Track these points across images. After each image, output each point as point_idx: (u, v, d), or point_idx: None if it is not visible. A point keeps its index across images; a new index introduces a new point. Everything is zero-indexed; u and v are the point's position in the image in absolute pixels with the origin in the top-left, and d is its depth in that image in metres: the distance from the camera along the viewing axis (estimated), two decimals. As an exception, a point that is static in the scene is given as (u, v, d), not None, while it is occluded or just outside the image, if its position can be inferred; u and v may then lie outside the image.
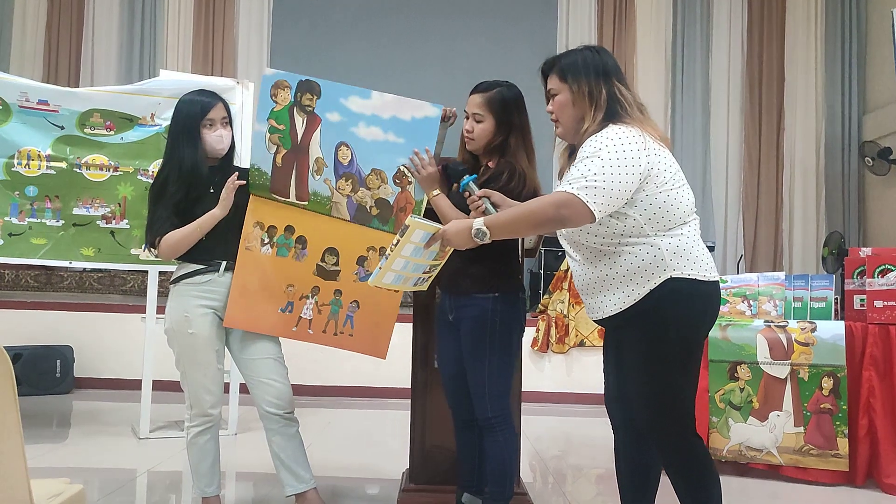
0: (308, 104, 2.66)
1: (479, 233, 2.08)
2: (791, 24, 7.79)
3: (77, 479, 1.79)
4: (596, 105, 2.11)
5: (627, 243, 2.07)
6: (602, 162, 1.98)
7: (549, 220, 2.03)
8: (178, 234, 2.60)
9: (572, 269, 2.25)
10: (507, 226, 2.10)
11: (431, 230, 2.11)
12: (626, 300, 2.08)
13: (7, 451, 1.41)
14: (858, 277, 3.70)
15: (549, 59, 2.25)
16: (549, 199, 2.02)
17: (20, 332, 5.55)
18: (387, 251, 2.11)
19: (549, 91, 2.22)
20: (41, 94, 4.03)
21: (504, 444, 2.52)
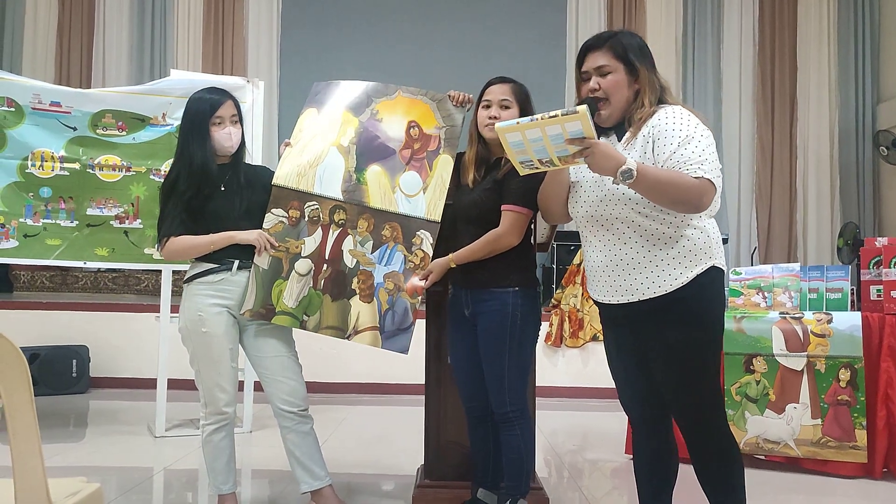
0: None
1: (628, 172, 1.92)
2: (803, 13, 7.73)
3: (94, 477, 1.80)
4: (652, 88, 2.10)
5: (681, 224, 2.04)
6: (704, 141, 2.00)
7: (688, 203, 1.97)
8: (188, 242, 2.61)
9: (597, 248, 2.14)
10: (654, 183, 1.96)
11: (587, 132, 1.92)
12: (672, 283, 2.03)
13: (24, 451, 1.42)
14: (875, 267, 3.67)
15: (597, 36, 2.17)
16: (695, 183, 1.95)
17: (36, 333, 5.59)
18: (537, 116, 1.94)
19: (602, 68, 2.10)
20: (53, 95, 4.05)
21: (521, 438, 2.53)
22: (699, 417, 2.10)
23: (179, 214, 2.61)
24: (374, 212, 2.68)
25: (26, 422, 1.41)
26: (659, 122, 2.04)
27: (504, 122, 1.99)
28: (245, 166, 2.78)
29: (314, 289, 2.66)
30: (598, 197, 2.12)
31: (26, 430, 1.42)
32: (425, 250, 2.64)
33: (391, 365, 5.59)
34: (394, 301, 2.63)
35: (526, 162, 2.04)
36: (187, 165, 2.61)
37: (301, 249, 2.68)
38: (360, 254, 2.67)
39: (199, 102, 2.65)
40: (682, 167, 1.97)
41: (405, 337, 2.63)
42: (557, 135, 1.93)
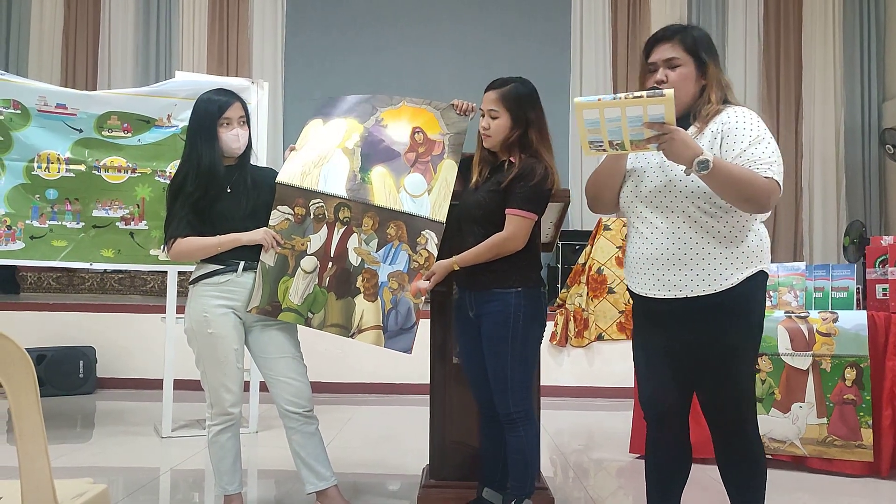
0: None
1: (705, 163, 1.90)
2: (808, 12, 7.71)
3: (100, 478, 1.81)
4: (719, 85, 2.10)
5: (737, 225, 2.06)
6: (773, 145, 2.03)
7: (756, 202, 1.97)
8: (196, 244, 2.62)
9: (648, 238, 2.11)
10: (727, 177, 1.94)
11: (668, 118, 1.90)
12: (723, 283, 2.03)
13: (31, 452, 1.43)
14: (881, 266, 3.66)
15: (668, 28, 2.16)
16: (765, 184, 1.96)
17: (43, 334, 5.62)
18: (621, 95, 1.90)
19: (671, 60, 2.08)
20: (59, 97, 4.07)
21: (525, 439, 2.53)
22: (732, 419, 2.10)
23: (186, 216, 2.61)
24: (379, 210, 2.69)
25: (33, 423, 1.42)
26: (729, 120, 2.05)
27: (584, 98, 1.94)
28: (251, 168, 2.79)
29: (319, 286, 2.67)
30: (659, 186, 2.10)
31: (33, 431, 1.42)
32: (430, 250, 2.64)
33: (396, 365, 5.60)
34: (397, 301, 2.64)
35: (595, 142, 1.98)
36: (195, 166, 2.61)
37: (307, 247, 2.69)
38: (365, 252, 2.68)
39: (208, 103, 2.66)
40: (752, 166, 1.98)
41: (408, 337, 2.63)
42: (637, 117, 1.90)
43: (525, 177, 2.47)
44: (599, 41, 7.83)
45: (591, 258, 5.76)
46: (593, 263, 5.72)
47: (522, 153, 2.52)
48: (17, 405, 1.41)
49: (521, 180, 2.47)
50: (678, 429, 2.21)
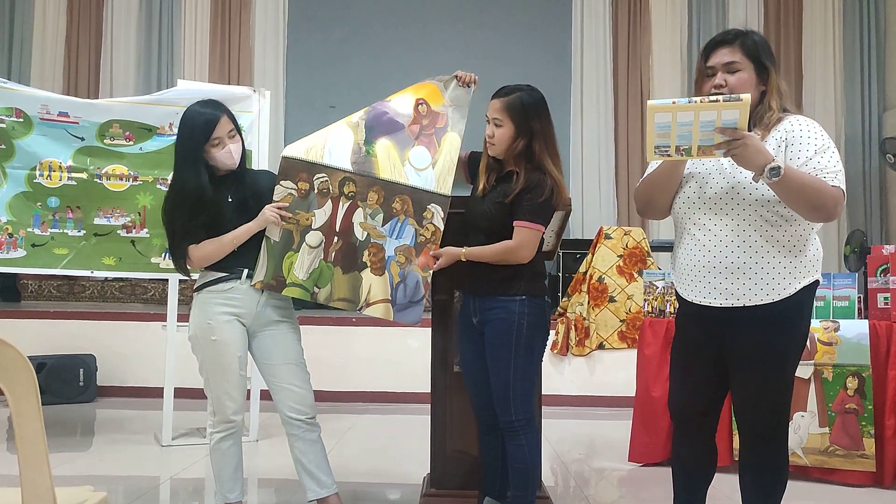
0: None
1: (776, 170, 1.89)
2: (808, 21, 7.73)
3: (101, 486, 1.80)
4: (779, 92, 2.09)
5: (801, 235, 2.06)
6: (835, 155, 2.02)
7: (824, 210, 1.97)
8: (213, 245, 2.61)
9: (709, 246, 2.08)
10: (798, 185, 1.93)
11: (742, 124, 1.88)
12: (781, 292, 2.03)
13: (32, 460, 1.43)
14: (882, 275, 3.66)
15: (731, 30, 2.15)
16: (834, 192, 1.96)
17: (44, 342, 5.61)
18: (696, 99, 1.90)
19: (730, 65, 2.07)
20: (61, 105, 4.08)
21: (527, 448, 2.52)
22: (767, 425, 2.11)
23: (190, 227, 2.60)
24: (384, 184, 2.67)
25: (34, 430, 1.42)
26: (793, 128, 2.04)
27: (658, 101, 1.93)
28: (248, 172, 2.78)
29: (325, 261, 2.67)
30: (721, 193, 2.08)
31: (34, 438, 1.42)
32: (436, 224, 2.64)
33: (397, 373, 5.61)
34: (405, 274, 2.64)
35: (662, 147, 1.96)
36: (181, 192, 2.59)
37: (311, 222, 2.67)
38: (370, 227, 2.67)
39: (193, 120, 2.61)
40: (818, 174, 1.97)
41: (417, 309, 2.64)
42: (710, 122, 1.88)
43: (532, 190, 2.46)
44: (600, 48, 7.85)
45: (592, 267, 5.76)
46: (594, 272, 5.72)
47: (527, 164, 2.52)
48: (19, 412, 1.41)
49: (528, 193, 2.46)
50: (708, 433, 2.24)
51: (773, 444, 2.12)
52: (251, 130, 4.18)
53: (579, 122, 7.86)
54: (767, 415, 2.10)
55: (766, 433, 2.12)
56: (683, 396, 2.23)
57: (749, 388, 2.10)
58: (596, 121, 7.86)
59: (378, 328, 5.86)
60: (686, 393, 2.22)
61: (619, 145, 7.86)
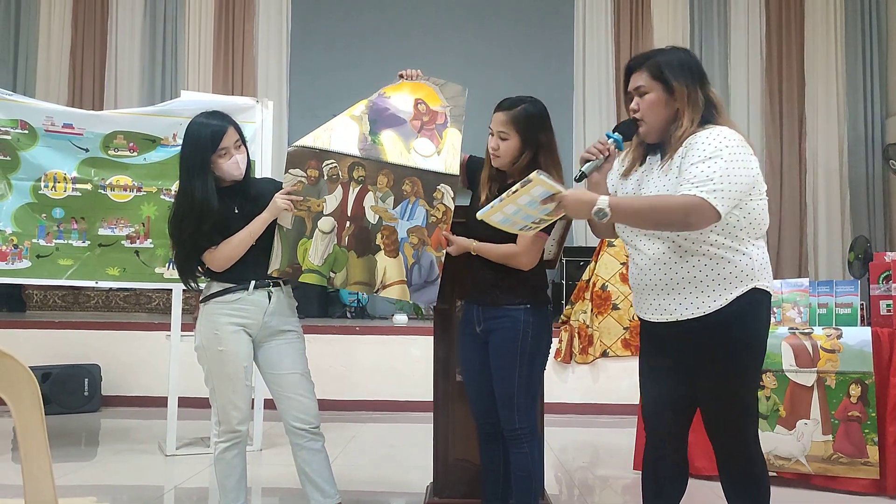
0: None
1: (601, 213, 1.99)
2: (810, 27, 7.73)
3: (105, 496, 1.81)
4: (694, 106, 2.09)
5: (722, 246, 2.05)
6: (724, 163, 1.98)
7: (674, 224, 2.01)
8: (232, 243, 2.61)
9: (641, 266, 2.16)
10: (630, 213, 2.04)
11: (552, 190, 2.04)
12: (711, 305, 2.06)
13: (35, 470, 1.44)
14: (884, 282, 3.65)
15: (639, 55, 2.20)
16: (678, 202, 1.98)
17: (49, 352, 5.63)
18: (502, 196, 2.09)
19: (638, 88, 2.14)
20: (66, 117, 4.11)
21: (530, 456, 2.52)
22: (734, 438, 2.12)
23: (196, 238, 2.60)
24: (393, 167, 2.70)
25: (37, 441, 1.43)
26: (692, 142, 2.04)
27: (483, 210, 2.15)
28: (252, 182, 2.80)
29: (339, 246, 2.69)
30: None
31: (37, 449, 1.43)
32: (447, 204, 2.66)
33: (400, 382, 5.61)
34: (419, 255, 2.66)
35: (523, 228, 2.19)
36: (189, 202, 2.60)
37: (323, 208, 2.70)
38: (382, 210, 2.69)
39: (200, 131, 2.62)
40: (682, 185, 1.99)
41: (432, 289, 2.66)
42: (531, 201, 2.07)
43: None
44: (602, 55, 7.87)
45: (595, 274, 5.76)
46: (597, 280, 5.73)
47: None
48: (22, 423, 1.42)
49: None
50: (676, 448, 2.24)
51: (742, 456, 2.12)
52: (254, 141, 4.21)
53: (581, 129, 7.87)
54: (731, 428, 2.11)
55: (732, 446, 2.12)
56: (650, 408, 2.27)
57: (708, 403, 2.13)
58: (598, 127, 7.86)
59: (381, 337, 5.88)
60: (653, 409, 2.26)
61: (621, 153, 7.86)
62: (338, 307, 7.46)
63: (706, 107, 2.10)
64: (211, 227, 2.60)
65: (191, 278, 2.69)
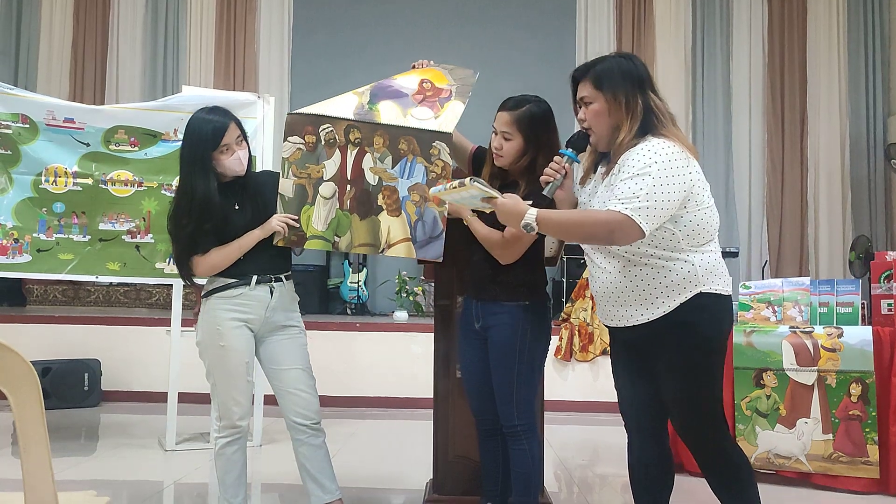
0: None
1: (528, 226, 2.05)
2: (812, 26, 7.72)
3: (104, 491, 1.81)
4: (632, 115, 2.09)
5: (662, 256, 2.09)
6: (652, 180, 1.98)
7: (598, 239, 2.08)
8: (220, 255, 2.62)
9: (596, 276, 2.23)
10: (556, 228, 2.12)
11: (488, 194, 2.11)
12: (655, 312, 2.11)
13: (35, 464, 1.43)
14: (885, 282, 3.65)
15: (582, 65, 2.21)
16: (602, 218, 2.01)
17: (49, 346, 5.63)
18: (445, 185, 2.17)
19: (583, 99, 2.17)
20: (67, 112, 4.10)
21: (529, 453, 2.52)
22: (700, 437, 2.17)
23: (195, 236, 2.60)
24: (388, 127, 2.70)
25: (37, 435, 1.43)
26: (627, 155, 2.05)
27: (434, 189, 2.27)
28: (252, 177, 2.79)
29: (341, 210, 2.69)
30: None
31: (37, 443, 1.43)
32: (444, 160, 2.66)
33: (400, 379, 5.61)
34: (422, 212, 2.66)
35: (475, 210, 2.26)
36: (189, 199, 2.59)
37: (322, 174, 2.69)
38: (381, 170, 2.69)
39: (201, 127, 2.61)
40: (609, 201, 2.03)
41: (437, 244, 2.65)
42: (471, 198, 2.14)
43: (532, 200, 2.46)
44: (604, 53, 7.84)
45: (595, 272, 5.75)
46: (598, 277, 5.72)
47: (530, 176, 2.50)
48: (22, 418, 1.42)
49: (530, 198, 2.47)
50: (654, 446, 2.29)
51: (716, 450, 2.15)
52: (255, 136, 4.20)
53: (582, 128, 7.86)
54: (696, 430, 2.16)
55: (701, 444, 2.17)
56: (625, 408, 2.34)
57: (670, 406, 2.18)
58: (599, 126, 7.86)
59: (381, 334, 5.88)
60: (626, 405, 2.33)
61: (622, 150, 7.85)
62: (338, 304, 7.46)
63: (646, 115, 2.09)
64: (211, 224, 2.60)
65: (189, 276, 2.68)
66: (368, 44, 7.93)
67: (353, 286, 7.25)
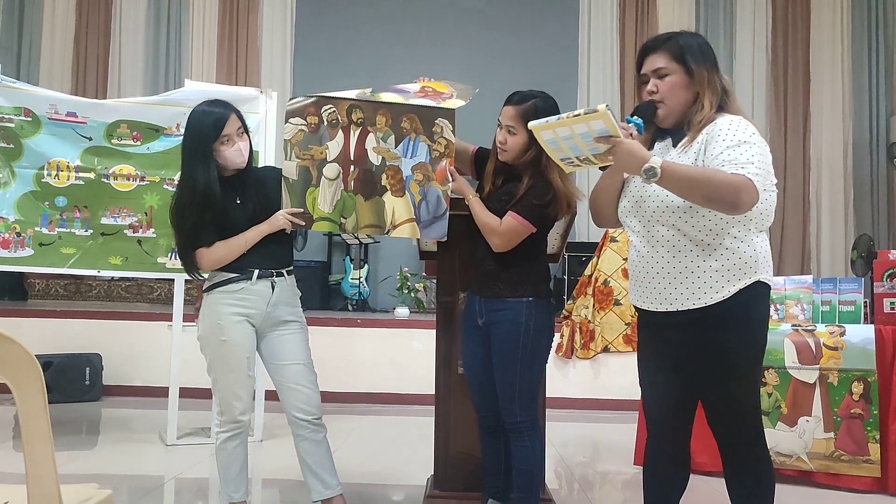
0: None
1: (652, 171, 1.90)
2: (816, 24, 7.71)
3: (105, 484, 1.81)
4: (713, 91, 2.06)
5: (738, 237, 2.01)
6: (758, 149, 1.95)
7: (723, 200, 1.91)
8: (225, 248, 2.62)
9: (644, 253, 2.10)
10: (681, 180, 1.93)
11: (612, 131, 1.92)
12: (713, 296, 2.00)
13: (37, 457, 1.43)
14: (888, 280, 3.65)
15: (657, 37, 2.15)
16: (731, 180, 1.89)
17: (50, 341, 5.63)
18: (563, 115, 1.96)
19: (659, 70, 2.08)
20: (69, 105, 4.10)
21: (531, 449, 2.52)
22: (736, 435, 2.07)
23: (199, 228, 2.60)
24: (390, 106, 2.71)
25: (40, 428, 1.43)
26: (715, 127, 2.01)
27: (536, 121, 1.99)
28: (253, 172, 2.78)
29: (346, 191, 2.69)
30: (642, 198, 2.10)
31: (40, 436, 1.43)
32: (447, 137, 2.66)
33: (401, 375, 5.62)
34: (425, 191, 2.67)
35: (565, 159, 2.03)
36: (191, 190, 2.59)
37: (326, 155, 2.70)
38: (384, 150, 2.69)
39: (202, 121, 2.61)
40: (724, 166, 1.93)
41: (441, 224, 2.66)
42: (585, 133, 1.93)
43: (534, 193, 2.47)
44: (607, 48, 7.85)
45: (597, 270, 5.75)
46: (600, 275, 5.72)
47: (534, 170, 2.51)
48: (25, 410, 1.42)
49: (529, 191, 2.47)
50: (677, 442, 2.20)
51: (748, 448, 2.08)
52: (258, 132, 4.20)
53: (585, 123, 7.86)
54: (732, 425, 2.07)
55: (735, 443, 2.08)
56: (651, 405, 2.22)
57: (708, 398, 2.09)
58: (602, 123, 7.86)
59: (382, 330, 5.88)
60: (653, 402, 2.21)
61: (625, 147, 7.84)
62: (339, 300, 7.46)
63: (723, 94, 2.08)
64: (212, 217, 2.59)
65: (193, 269, 2.68)
66: (371, 40, 7.92)
67: (354, 282, 7.25)
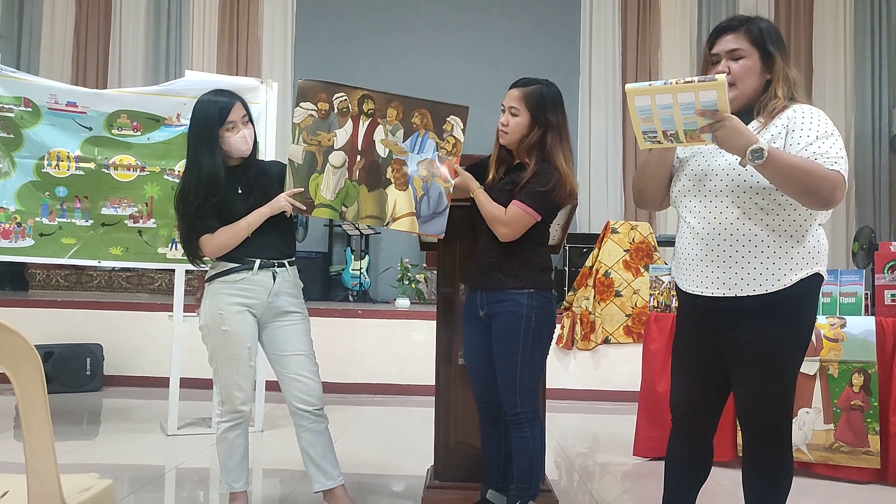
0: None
1: (759, 153, 1.82)
2: (819, 16, 7.69)
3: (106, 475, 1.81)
4: (786, 80, 2.02)
5: (811, 226, 1.99)
6: (838, 142, 1.93)
7: (819, 194, 1.86)
8: (228, 233, 2.62)
9: (703, 234, 2.03)
10: (784, 167, 1.85)
11: (721, 105, 1.82)
12: (775, 284, 1.96)
13: (37, 447, 1.43)
14: (889, 272, 3.64)
15: (734, 17, 2.10)
16: (830, 176, 1.86)
17: (51, 331, 5.64)
18: (671, 80, 1.83)
19: (734, 52, 2.02)
20: (70, 95, 4.08)
21: (532, 440, 2.52)
22: (767, 424, 2.04)
23: (203, 215, 2.60)
24: (403, 99, 2.69)
25: (40, 418, 1.43)
26: (795, 116, 1.97)
27: (635, 84, 1.89)
28: (256, 163, 2.79)
29: (350, 180, 2.69)
30: (712, 177, 2.03)
31: (40, 426, 1.43)
32: (456, 136, 2.65)
33: (401, 366, 5.62)
34: (428, 187, 2.66)
35: (649, 132, 1.93)
36: (196, 174, 2.60)
37: (333, 142, 2.69)
38: (392, 143, 2.69)
39: (207, 106, 2.63)
40: (817, 159, 1.89)
41: (440, 220, 2.66)
42: (689, 104, 1.83)
43: (538, 180, 2.47)
44: (609, 42, 7.84)
45: (598, 261, 5.75)
46: (600, 266, 5.72)
47: (538, 155, 2.51)
48: (25, 400, 1.42)
49: (533, 178, 2.47)
50: (706, 431, 2.18)
51: (775, 443, 2.05)
52: (258, 122, 4.17)
53: (587, 116, 7.85)
54: (768, 413, 2.03)
55: (767, 432, 2.04)
56: (683, 394, 2.18)
57: (749, 385, 2.04)
58: (604, 114, 7.85)
59: (383, 321, 5.88)
60: (686, 391, 2.17)
61: (626, 139, 7.85)
62: (340, 291, 7.47)
63: (794, 82, 2.04)
64: (216, 203, 2.59)
65: (195, 256, 2.68)
66: (372, 30, 7.91)
67: (355, 273, 7.26)
